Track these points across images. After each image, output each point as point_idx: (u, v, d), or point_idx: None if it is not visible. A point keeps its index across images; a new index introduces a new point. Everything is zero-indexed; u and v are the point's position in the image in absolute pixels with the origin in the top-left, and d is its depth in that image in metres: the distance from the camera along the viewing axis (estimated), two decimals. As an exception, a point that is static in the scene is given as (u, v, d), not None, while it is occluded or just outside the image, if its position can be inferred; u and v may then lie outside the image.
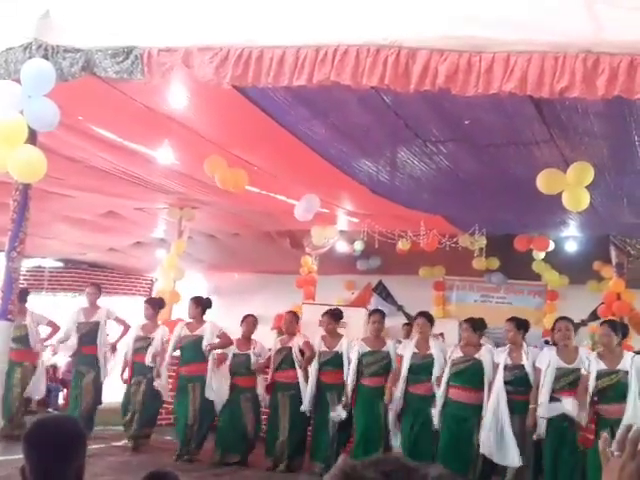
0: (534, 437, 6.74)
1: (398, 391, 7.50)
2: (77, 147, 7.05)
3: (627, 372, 6.38)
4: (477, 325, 7.50)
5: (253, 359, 8.39)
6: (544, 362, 6.82)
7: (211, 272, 14.91)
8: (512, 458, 6.80)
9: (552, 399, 6.69)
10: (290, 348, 8.31)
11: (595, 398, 6.42)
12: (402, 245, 11.30)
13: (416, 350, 7.60)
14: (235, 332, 8.72)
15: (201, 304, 8.74)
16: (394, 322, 11.07)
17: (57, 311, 10.51)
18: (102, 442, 8.63)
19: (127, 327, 9.27)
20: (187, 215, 10.76)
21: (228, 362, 8.50)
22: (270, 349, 8.57)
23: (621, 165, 6.85)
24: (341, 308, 9.66)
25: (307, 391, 8.01)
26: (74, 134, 6.50)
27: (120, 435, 8.92)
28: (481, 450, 6.92)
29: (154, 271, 14.15)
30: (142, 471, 2.72)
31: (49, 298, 13.79)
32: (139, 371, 8.72)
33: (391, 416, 7.54)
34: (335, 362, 8.08)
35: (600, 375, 6.42)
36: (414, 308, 10.52)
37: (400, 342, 8.39)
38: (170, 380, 8.86)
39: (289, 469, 8.06)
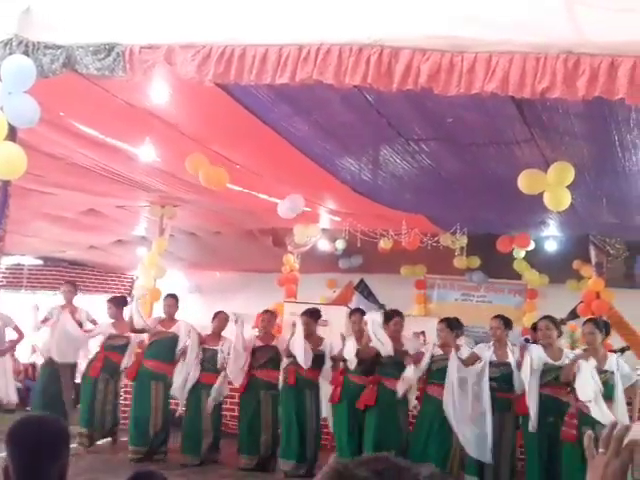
0: (530, 429, 6.71)
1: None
2: (58, 144, 6.99)
3: (613, 373, 6.43)
4: (453, 324, 7.55)
5: (220, 356, 8.34)
6: (534, 353, 6.83)
7: (192, 270, 14.86)
8: (487, 454, 6.87)
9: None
10: (276, 348, 8.26)
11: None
12: (384, 244, 11.34)
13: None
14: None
15: (178, 301, 8.75)
16: (376, 320, 11.10)
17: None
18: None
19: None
20: (168, 213, 10.71)
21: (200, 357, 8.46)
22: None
23: (601, 165, 6.92)
24: (323, 306, 9.66)
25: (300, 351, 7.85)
26: (55, 131, 6.45)
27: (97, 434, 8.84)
28: (460, 441, 6.98)
29: (135, 269, 14.07)
30: (121, 470, 2.71)
31: (28, 296, 13.68)
32: (108, 369, 8.67)
33: None
34: (317, 361, 8.05)
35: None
36: (395, 306, 10.52)
37: None
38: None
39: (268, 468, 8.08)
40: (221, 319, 8.55)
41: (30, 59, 4.86)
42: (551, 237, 11.45)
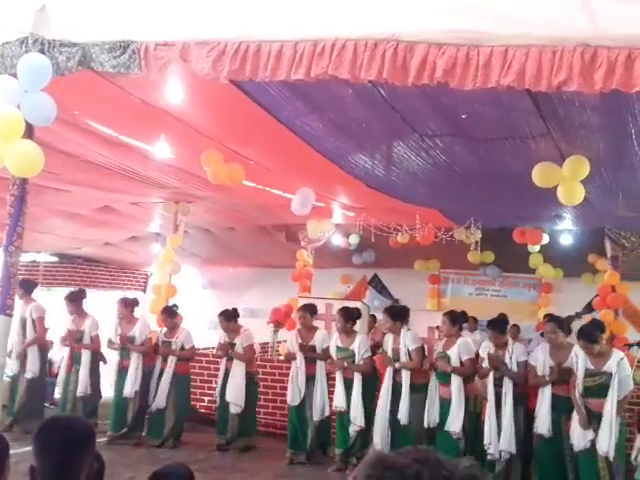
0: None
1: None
2: (73, 142, 7.02)
3: (611, 374, 6.30)
4: (455, 318, 7.56)
5: (173, 347, 9.01)
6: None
7: (206, 266, 14.92)
8: (510, 444, 6.87)
9: None
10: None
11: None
12: (401, 238, 11.31)
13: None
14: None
15: (129, 304, 9.22)
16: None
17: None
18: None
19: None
20: (183, 209, 10.76)
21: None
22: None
23: (617, 159, 6.87)
24: (337, 302, 9.69)
25: (294, 383, 8.27)
26: (70, 129, 6.47)
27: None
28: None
29: (149, 266, 14.15)
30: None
31: (44, 293, 13.75)
32: (77, 360, 9.21)
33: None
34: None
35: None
36: (409, 301, 10.55)
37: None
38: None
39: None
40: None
41: (46, 57, 4.89)
42: (566, 231, 11.41)
